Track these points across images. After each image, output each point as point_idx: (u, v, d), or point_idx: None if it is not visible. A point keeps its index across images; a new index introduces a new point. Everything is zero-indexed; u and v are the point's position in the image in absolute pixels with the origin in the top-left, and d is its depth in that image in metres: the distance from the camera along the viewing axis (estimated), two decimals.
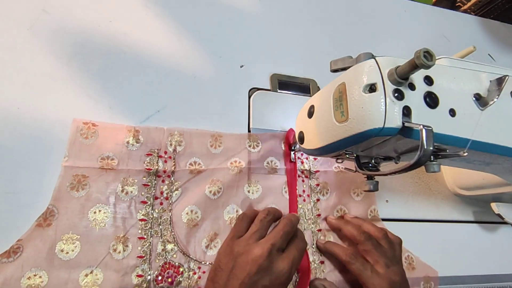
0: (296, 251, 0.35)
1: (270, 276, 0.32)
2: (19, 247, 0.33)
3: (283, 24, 0.56)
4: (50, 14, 0.43)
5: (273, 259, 0.33)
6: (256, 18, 0.54)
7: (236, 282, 0.32)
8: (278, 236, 0.35)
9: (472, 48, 0.42)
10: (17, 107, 0.38)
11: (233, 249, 0.35)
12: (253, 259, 0.33)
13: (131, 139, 0.39)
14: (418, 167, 0.27)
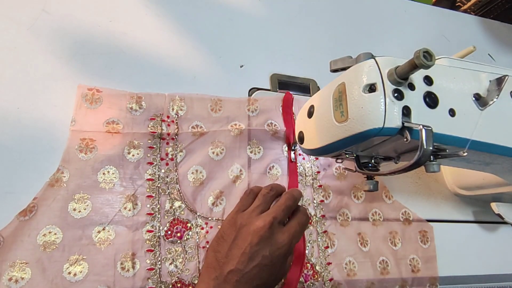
0: (298, 225, 0.36)
1: (270, 247, 0.33)
2: (34, 206, 0.34)
3: (283, 24, 0.56)
4: (50, 14, 0.43)
5: (274, 231, 0.34)
6: (256, 18, 0.54)
7: (238, 251, 0.33)
8: (280, 210, 0.36)
9: (472, 48, 0.42)
10: (17, 107, 0.38)
11: (236, 221, 0.36)
12: (255, 230, 0.34)
13: (134, 105, 0.41)
14: (418, 167, 0.27)
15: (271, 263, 0.33)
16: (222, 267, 0.33)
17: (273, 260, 0.33)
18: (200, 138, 0.42)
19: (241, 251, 0.33)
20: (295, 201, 0.38)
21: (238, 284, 0.32)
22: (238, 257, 0.33)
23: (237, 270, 0.32)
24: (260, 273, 0.33)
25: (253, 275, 0.33)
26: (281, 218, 0.36)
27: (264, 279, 0.33)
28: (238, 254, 0.33)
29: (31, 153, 0.37)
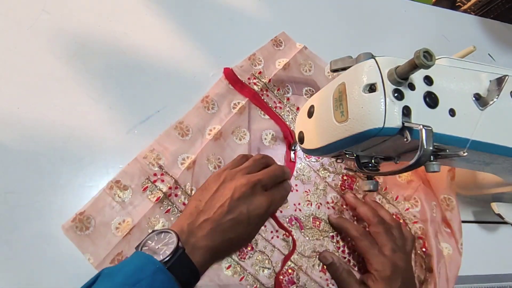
0: (278, 195, 0.38)
1: (249, 206, 0.35)
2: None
3: (283, 24, 0.55)
4: (50, 14, 0.43)
5: (256, 192, 0.35)
6: (256, 18, 0.54)
7: (217, 203, 0.34)
8: (266, 175, 0.37)
9: (472, 48, 0.42)
10: (17, 107, 0.38)
11: (222, 175, 0.37)
12: (238, 186, 0.35)
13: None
14: (418, 167, 0.27)
15: (247, 220, 0.34)
16: (199, 215, 0.34)
17: (249, 219, 0.34)
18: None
19: (220, 203, 0.34)
20: (284, 174, 0.39)
21: (211, 232, 0.33)
22: (216, 208, 0.34)
23: (212, 219, 0.33)
24: (234, 227, 0.34)
25: (227, 227, 0.33)
26: (266, 182, 0.37)
27: (237, 233, 0.34)
28: (217, 205, 0.34)
29: (31, 153, 0.37)
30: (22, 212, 0.35)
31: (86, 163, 0.38)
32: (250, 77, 0.48)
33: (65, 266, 0.34)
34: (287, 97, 0.49)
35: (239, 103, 0.46)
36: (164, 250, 0.30)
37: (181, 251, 0.30)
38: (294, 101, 0.49)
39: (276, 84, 0.49)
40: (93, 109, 0.41)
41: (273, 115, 0.47)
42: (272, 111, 0.47)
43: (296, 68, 0.51)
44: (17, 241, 0.34)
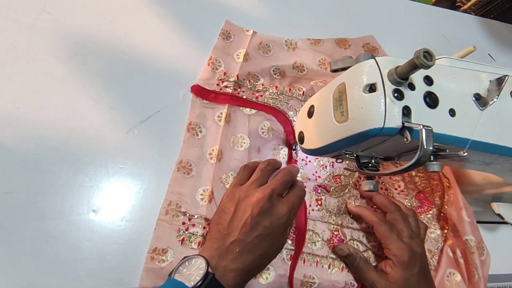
0: (295, 198, 0.38)
1: (270, 218, 0.35)
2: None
3: (283, 24, 0.55)
4: (50, 14, 0.43)
5: (274, 203, 0.35)
6: (256, 18, 0.54)
7: (239, 223, 0.34)
8: (278, 183, 0.37)
9: (472, 48, 0.42)
10: (17, 107, 0.38)
11: (235, 194, 0.37)
12: (255, 202, 0.35)
13: None
14: (418, 167, 0.27)
15: (272, 233, 0.34)
16: (225, 238, 0.34)
17: (273, 230, 0.34)
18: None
19: (242, 222, 0.34)
20: (292, 176, 0.39)
21: (240, 253, 0.33)
22: (239, 228, 0.34)
23: (239, 240, 0.33)
24: (261, 243, 0.34)
25: (255, 245, 0.34)
26: (280, 190, 0.37)
27: (265, 248, 0.34)
28: (240, 225, 0.34)
29: (31, 153, 0.37)
30: (22, 212, 0.35)
31: (86, 163, 0.38)
32: (218, 83, 0.46)
33: (65, 266, 0.34)
34: (261, 84, 0.48)
35: (221, 113, 0.45)
36: (195, 276, 0.30)
37: (211, 276, 0.30)
38: (269, 83, 0.49)
39: (245, 77, 0.48)
40: (93, 109, 0.41)
41: (259, 106, 0.47)
42: (255, 103, 0.47)
43: (256, 54, 0.50)
44: (17, 241, 0.34)
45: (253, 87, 0.47)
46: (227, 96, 0.45)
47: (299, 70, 0.50)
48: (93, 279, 0.35)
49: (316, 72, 0.51)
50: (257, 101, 0.47)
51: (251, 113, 0.46)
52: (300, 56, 0.51)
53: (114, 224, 0.37)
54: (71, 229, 0.36)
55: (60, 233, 0.35)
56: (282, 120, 0.47)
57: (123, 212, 0.38)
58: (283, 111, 0.47)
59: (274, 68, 0.49)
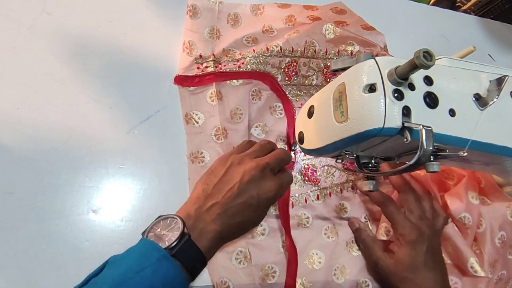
0: (286, 179, 0.37)
1: (258, 189, 0.34)
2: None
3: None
4: (50, 14, 0.43)
5: (265, 175, 0.35)
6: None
7: (226, 186, 0.33)
8: (274, 158, 0.36)
9: (472, 48, 0.42)
10: (17, 107, 0.38)
11: (229, 159, 0.36)
12: (247, 170, 0.34)
13: None
14: (418, 167, 0.27)
15: (256, 203, 0.34)
16: (207, 199, 0.33)
17: (259, 202, 0.34)
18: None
19: (229, 186, 0.33)
20: (288, 158, 0.39)
21: (219, 216, 0.32)
22: (225, 192, 0.33)
23: (221, 203, 0.32)
24: (244, 210, 0.33)
25: (236, 211, 0.33)
26: (273, 166, 0.36)
27: (245, 217, 0.34)
28: (226, 188, 0.33)
29: (31, 153, 0.37)
30: (22, 212, 0.35)
31: (86, 163, 0.38)
32: (199, 66, 0.46)
33: (65, 266, 0.34)
34: (239, 53, 0.48)
35: (212, 93, 0.45)
36: (169, 236, 0.29)
37: (186, 238, 0.29)
38: (246, 50, 0.48)
39: (221, 54, 0.47)
40: (93, 109, 0.41)
41: (243, 74, 0.46)
42: (239, 73, 0.46)
43: (226, 29, 0.49)
44: (17, 241, 0.34)
45: (232, 59, 0.47)
46: (211, 75, 0.45)
47: (269, 33, 0.49)
48: None
49: (285, 29, 0.50)
50: (240, 69, 0.46)
51: (238, 83, 0.46)
52: (268, 19, 0.51)
53: (114, 224, 0.37)
54: (71, 229, 0.36)
55: (60, 233, 0.35)
56: (269, 81, 0.47)
57: (123, 212, 0.38)
58: (266, 72, 0.47)
59: (246, 38, 0.48)
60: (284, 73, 0.48)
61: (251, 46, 0.48)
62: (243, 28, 0.50)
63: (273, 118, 0.47)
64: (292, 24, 0.51)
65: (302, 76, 0.49)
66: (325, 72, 0.50)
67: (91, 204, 0.37)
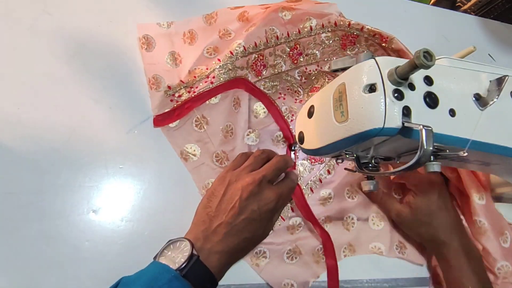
0: (285, 188, 0.38)
1: (259, 202, 0.35)
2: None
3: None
4: (50, 14, 0.43)
5: (263, 188, 0.36)
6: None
7: (227, 206, 0.34)
8: (270, 170, 0.37)
9: (472, 48, 0.42)
10: (17, 107, 0.38)
11: (226, 178, 0.37)
12: (244, 186, 0.35)
13: None
14: (418, 167, 0.27)
15: (259, 217, 0.35)
16: (212, 221, 0.34)
17: (261, 215, 0.35)
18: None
19: (231, 205, 0.34)
20: (286, 164, 0.39)
21: (226, 236, 0.33)
22: (227, 211, 0.34)
23: (226, 223, 0.33)
24: (248, 226, 0.34)
25: (242, 228, 0.34)
26: (271, 177, 0.37)
27: (251, 232, 0.35)
28: (228, 208, 0.34)
29: (31, 153, 0.37)
30: (22, 212, 0.35)
31: (86, 163, 0.38)
32: (172, 98, 0.43)
33: (65, 266, 0.34)
34: (205, 68, 0.44)
35: (196, 119, 0.44)
36: (179, 258, 0.31)
37: (195, 258, 0.31)
38: (211, 62, 0.45)
39: (188, 77, 0.44)
40: (93, 109, 0.41)
41: (219, 88, 0.44)
42: (214, 89, 0.44)
43: (183, 48, 0.47)
44: (17, 241, 0.34)
45: (201, 77, 0.44)
46: (188, 102, 0.43)
47: (226, 36, 0.47)
48: (93, 279, 0.35)
49: (241, 27, 0.48)
50: (213, 85, 0.44)
51: (217, 99, 0.45)
52: (222, 24, 0.48)
53: (114, 224, 0.37)
54: (71, 229, 0.36)
55: (60, 233, 0.35)
56: (243, 84, 0.46)
57: (123, 212, 0.38)
58: (237, 76, 0.46)
59: (206, 50, 0.46)
60: (253, 70, 0.47)
61: (214, 56, 0.46)
62: (201, 42, 0.47)
63: (259, 119, 0.47)
64: (246, 19, 0.48)
65: (271, 66, 0.48)
66: (291, 55, 0.48)
67: (91, 204, 0.37)
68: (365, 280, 0.43)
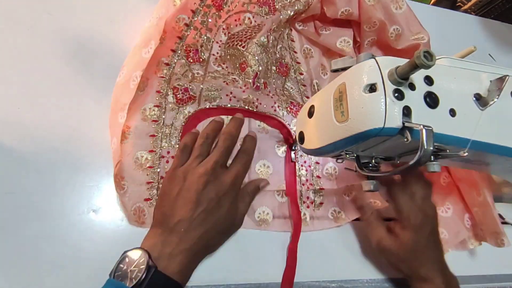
0: (240, 165, 0.37)
1: (216, 190, 0.34)
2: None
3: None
4: (50, 14, 0.43)
5: (218, 174, 0.35)
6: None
7: (184, 201, 0.33)
8: (219, 153, 0.36)
9: (473, 48, 0.42)
10: (17, 107, 0.38)
11: (176, 174, 0.35)
12: (198, 177, 0.34)
13: None
14: (418, 167, 0.27)
15: (218, 205, 0.33)
16: (169, 220, 0.32)
17: (220, 202, 0.34)
18: None
19: (187, 199, 0.33)
20: (233, 139, 0.38)
21: (185, 233, 0.32)
22: (184, 206, 0.32)
23: (184, 219, 0.32)
24: (208, 216, 0.33)
25: (201, 220, 0.32)
26: (223, 161, 0.36)
27: (212, 222, 0.33)
28: (184, 203, 0.33)
29: (31, 153, 0.37)
30: (22, 212, 0.35)
31: (86, 163, 0.38)
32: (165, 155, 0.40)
33: (65, 266, 0.34)
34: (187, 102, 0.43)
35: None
36: (135, 272, 0.28)
37: (153, 270, 0.29)
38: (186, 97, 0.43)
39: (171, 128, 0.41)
40: (94, 109, 0.41)
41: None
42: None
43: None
44: (17, 241, 0.34)
45: (183, 113, 0.42)
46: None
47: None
48: (93, 279, 0.34)
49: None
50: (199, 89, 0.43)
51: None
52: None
53: (114, 224, 0.37)
54: (71, 229, 0.36)
55: (60, 233, 0.35)
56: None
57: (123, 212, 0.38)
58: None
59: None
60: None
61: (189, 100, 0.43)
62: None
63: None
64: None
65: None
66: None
67: (91, 204, 0.37)
68: (365, 280, 0.43)
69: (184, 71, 0.44)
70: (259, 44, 0.45)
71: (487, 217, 0.45)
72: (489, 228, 0.45)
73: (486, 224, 0.45)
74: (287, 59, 0.51)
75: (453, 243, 0.46)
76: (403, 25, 0.51)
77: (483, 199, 0.45)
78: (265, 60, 0.46)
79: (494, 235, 0.45)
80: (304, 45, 0.53)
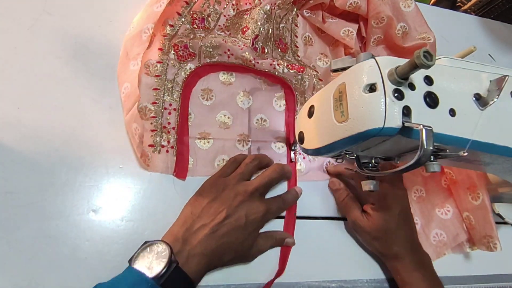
0: (275, 205, 0.39)
1: (246, 212, 0.35)
2: None
3: None
4: (50, 14, 0.43)
5: (254, 199, 0.37)
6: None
7: (215, 210, 0.35)
8: (263, 181, 0.38)
9: (473, 48, 0.42)
10: (17, 107, 0.38)
11: (218, 183, 0.38)
12: (236, 194, 0.36)
13: None
14: (418, 167, 0.27)
15: (244, 225, 0.35)
16: (195, 221, 0.34)
17: (246, 224, 0.35)
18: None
19: (219, 210, 0.34)
20: (281, 175, 0.40)
21: (206, 237, 0.33)
22: (213, 215, 0.34)
23: (209, 226, 0.33)
24: (231, 232, 0.34)
25: (223, 232, 0.34)
26: (263, 190, 0.38)
27: (233, 238, 0.34)
28: (215, 211, 0.34)
29: (31, 153, 0.37)
30: (22, 212, 0.35)
31: (86, 163, 0.38)
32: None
33: (65, 266, 0.34)
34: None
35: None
36: (156, 263, 0.29)
37: (174, 266, 0.30)
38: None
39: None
40: (93, 109, 0.41)
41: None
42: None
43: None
44: (17, 241, 0.34)
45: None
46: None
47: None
48: (93, 279, 0.34)
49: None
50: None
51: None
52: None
53: (114, 224, 0.37)
54: (71, 229, 0.36)
55: (60, 233, 0.35)
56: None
57: (123, 212, 0.38)
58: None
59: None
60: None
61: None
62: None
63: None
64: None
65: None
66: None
67: (91, 204, 0.37)
68: (365, 280, 0.43)
69: (187, 34, 0.46)
70: (262, 11, 0.46)
71: (481, 221, 0.45)
72: (481, 232, 0.45)
73: (477, 229, 0.45)
74: (287, 39, 0.51)
75: (451, 245, 0.46)
76: (410, 23, 0.51)
77: (481, 202, 0.45)
78: (266, 28, 0.46)
79: (486, 239, 0.44)
80: (307, 33, 0.53)
